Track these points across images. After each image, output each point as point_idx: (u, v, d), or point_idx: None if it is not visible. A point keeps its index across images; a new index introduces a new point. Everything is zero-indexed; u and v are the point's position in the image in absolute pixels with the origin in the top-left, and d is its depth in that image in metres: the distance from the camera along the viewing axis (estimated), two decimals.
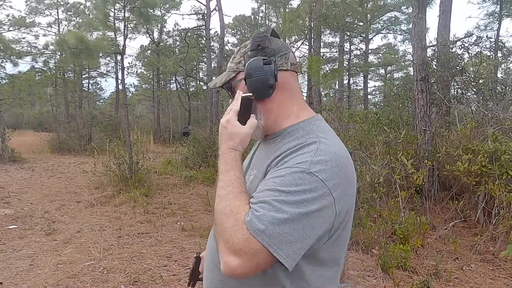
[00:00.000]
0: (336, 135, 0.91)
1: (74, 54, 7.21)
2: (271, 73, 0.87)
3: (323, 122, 0.95)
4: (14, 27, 21.18)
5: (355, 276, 3.32)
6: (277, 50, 0.92)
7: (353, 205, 0.86)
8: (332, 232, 0.80)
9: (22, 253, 4.03)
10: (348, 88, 21.55)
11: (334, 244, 0.84)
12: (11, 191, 7.38)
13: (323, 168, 0.76)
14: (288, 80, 0.94)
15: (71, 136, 16.15)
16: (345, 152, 0.86)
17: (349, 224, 0.87)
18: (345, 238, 0.88)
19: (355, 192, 0.86)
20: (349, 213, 0.84)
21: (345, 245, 0.90)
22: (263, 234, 0.71)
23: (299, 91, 0.99)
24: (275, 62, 0.90)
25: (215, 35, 20.85)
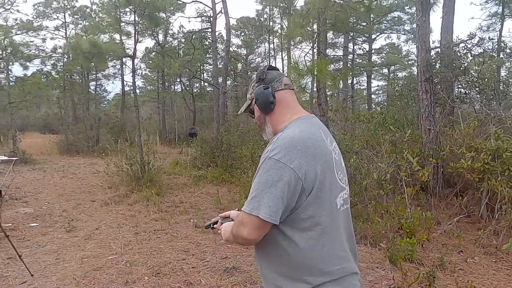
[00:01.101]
0: (305, 125, 1.20)
1: (86, 58, 7.43)
2: (270, 94, 1.26)
3: (303, 119, 1.24)
4: (22, 30, 21.50)
5: (364, 267, 3.50)
6: (272, 78, 1.30)
7: (322, 170, 1.12)
8: (308, 192, 1.09)
9: (47, 248, 4.25)
10: (352, 88, 21.70)
11: (313, 203, 1.10)
12: (27, 191, 7.62)
13: (277, 151, 1.09)
14: (283, 96, 1.29)
15: (79, 137, 16.42)
16: (303, 135, 1.14)
17: (325, 187, 1.12)
18: (323, 199, 1.13)
19: (320, 159, 1.12)
20: (319, 176, 1.11)
21: (324, 206, 1.13)
22: (249, 208, 1.10)
23: (294, 101, 1.32)
24: (272, 86, 1.28)
25: (219, 37, 21.09)
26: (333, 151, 1.22)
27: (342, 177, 1.24)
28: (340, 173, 1.22)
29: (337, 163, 1.22)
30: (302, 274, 1.12)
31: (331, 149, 1.21)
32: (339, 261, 1.16)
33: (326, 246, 1.13)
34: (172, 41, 23.57)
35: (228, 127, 10.61)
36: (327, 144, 1.19)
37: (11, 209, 6.04)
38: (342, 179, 1.24)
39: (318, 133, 1.19)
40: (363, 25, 17.99)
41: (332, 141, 1.26)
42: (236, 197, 6.68)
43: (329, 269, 1.13)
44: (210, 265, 3.66)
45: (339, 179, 1.20)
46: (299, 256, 1.12)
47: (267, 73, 1.31)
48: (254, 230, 1.10)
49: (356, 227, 4.27)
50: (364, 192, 4.55)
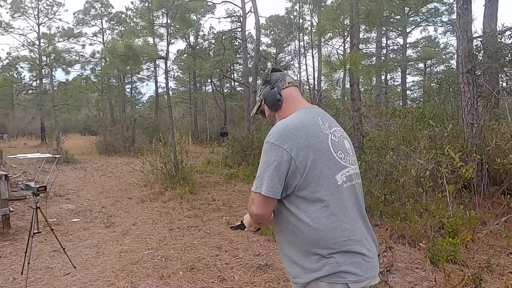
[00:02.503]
0: (302, 114, 1.34)
1: (122, 61, 7.69)
2: (276, 92, 1.42)
3: (303, 109, 1.39)
4: (64, 38, 22.78)
5: (403, 268, 3.35)
6: (277, 79, 1.47)
7: (315, 150, 1.24)
8: (302, 170, 1.21)
9: (88, 242, 4.45)
10: (385, 84, 20.99)
11: (309, 180, 1.22)
12: (69, 189, 8.04)
13: (272, 136, 1.26)
14: (289, 93, 1.45)
15: (116, 138, 17.12)
16: (296, 121, 1.29)
17: (319, 164, 1.23)
18: (320, 176, 1.23)
19: (312, 141, 1.24)
20: (311, 156, 1.22)
21: (322, 182, 1.23)
22: (254, 187, 1.26)
23: (298, 96, 1.47)
24: (277, 86, 1.44)
25: (249, 36, 21.18)
26: (331, 133, 1.33)
27: (344, 156, 1.32)
28: (340, 153, 1.31)
29: (335, 143, 1.32)
30: (312, 247, 1.24)
31: (328, 132, 1.32)
32: (344, 233, 1.23)
33: (329, 219, 1.22)
34: (203, 43, 23.98)
35: (259, 126, 10.62)
36: (322, 128, 1.31)
37: (56, 205, 6.39)
38: (344, 158, 1.32)
39: (314, 119, 1.32)
40: (397, 18, 17.34)
41: (332, 126, 1.36)
42: None
43: (335, 241, 1.22)
44: (243, 262, 3.66)
45: (339, 158, 1.30)
46: (308, 231, 1.23)
47: (271, 75, 1.49)
48: (260, 206, 1.25)
49: (393, 226, 4.11)
50: (402, 190, 4.36)
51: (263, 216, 1.28)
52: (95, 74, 20.97)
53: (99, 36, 24.09)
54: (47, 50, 14.85)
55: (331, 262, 1.21)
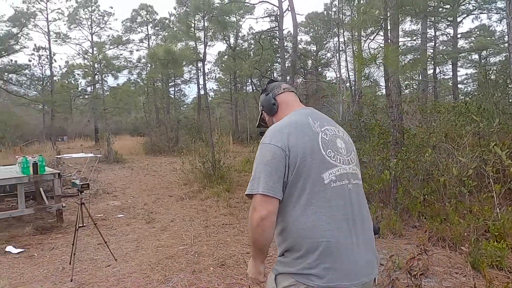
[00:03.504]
0: (294, 115, 1.38)
1: (163, 65, 8.04)
2: (271, 97, 1.51)
3: (296, 111, 1.42)
4: (113, 45, 24.31)
5: (440, 272, 3.17)
6: (273, 87, 1.57)
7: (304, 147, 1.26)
8: (293, 166, 1.23)
9: (129, 237, 4.73)
10: (434, 78, 19.79)
11: (297, 177, 1.23)
12: (117, 187, 8.58)
13: (266, 137, 1.31)
14: (283, 97, 1.52)
15: (161, 139, 17.93)
16: (287, 122, 1.34)
17: (307, 162, 1.24)
18: (307, 174, 1.23)
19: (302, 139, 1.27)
20: (301, 154, 1.24)
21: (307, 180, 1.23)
22: (249, 190, 1.25)
23: (294, 100, 1.53)
24: (273, 92, 1.53)
25: (288, 35, 21.07)
26: (321, 132, 1.34)
27: (334, 155, 1.31)
28: (330, 151, 1.30)
29: (326, 142, 1.31)
30: (293, 243, 1.24)
31: (318, 130, 1.33)
32: (325, 233, 1.20)
33: (311, 217, 1.21)
34: (243, 43, 24.28)
35: None
36: (313, 126, 1.33)
37: (103, 202, 6.87)
38: (334, 157, 1.30)
39: (304, 119, 1.35)
40: (447, 8, 16.24)
41: (324, 125, 1.37)
42: None
43: (314, 240, 1.20)
44: (273, 260, 3.67)
45: (328, 156, 1.29)
46: (290, 227, 1.25)
47: (268, 86, 1.59)
48: (260, 206, 1.21)
49: (433, 228, 3.89)
50: (442, 190, 4.11)
51: (266, 217, 1.20)
52: (141, 78, 22.15)
53: (144, 42, 25.41)
54: (99, 57, 15.95)
55: (305, 262, 1.20)
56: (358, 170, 1.41)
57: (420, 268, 3.03)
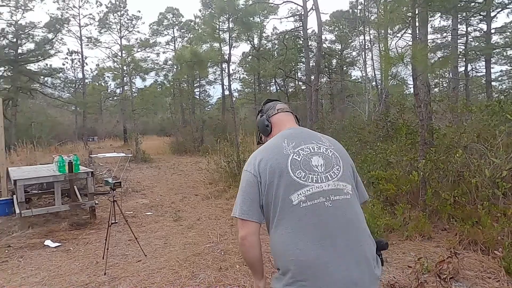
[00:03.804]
0: (273, 139, 1.45)
1: (189, 66, 8.22)
2: (264, 119, 1.58)
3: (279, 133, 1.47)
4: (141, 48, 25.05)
5: (472, 276, 3.08)
6: (268, 108, 1.62)
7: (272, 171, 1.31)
8: (264, 190, 1.31)
9: (158, 234, 4.89)
10: (466, 75, 19.02)
11: (268, 200, 1.30)
12: (145, 185, 8.86)
13: (246, 163, 1.41)
14: (277, 118, 1.56)
15: (186, 139, 18.29)
16: (263, 147, 1.43)
17: (274, 185, 1.29)
18: (275, 196, 1.29)
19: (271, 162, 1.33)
20: (269, 177, 1.30)
21: (276, 202, 1.29)
22: (232, 213, 1.38)
23: (287, 120, 1.57)
24: (267, 114, 1.59)
25: (312, 34, 20.91)
26: (293, 153, 1.35)
27: (305, 175, 1.31)
28: (300, 172, 1.31)
29: (296, 163, 1.33)
30: (277, 263, 1.32)
31: (290, 152, 1.35)
32: (295, 252, 1.22)
33: (282, 238, 1.26)
34: (266, 44, 24.33)
35: (321, 125, 10.46)
36: (284, 149, 1.36)
37: (133, 200, 7.12)
38: (304, 177, 1.30)
39: (279, 142, 1.40)
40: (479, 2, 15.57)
41: (300, 145, 1.38)
42: None
43: (285, 259, 1.25)
44: None
45: (297, 177, 1.30)
46: (271, 247, 1.34)
47: (264, 106, 1.64)
48: (240, 228, 1.35)
49: (464, 231, 3.77)
50: (474, 192, 3.98)
51: (244, 238, 1.32)
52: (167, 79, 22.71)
53: (171, 44, 26.03)
54: (127, 60, 16.49)
55: (285, 279, 1.24)
56: (348, 184, 1.35)
57: (450, 271, 2.96)
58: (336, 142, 1.50)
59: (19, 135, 18.66)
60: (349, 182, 1.37)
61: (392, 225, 4.32)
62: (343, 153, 1.45)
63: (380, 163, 5.32)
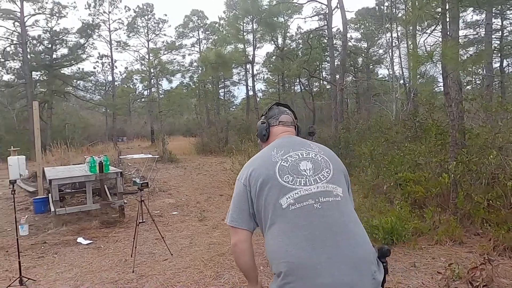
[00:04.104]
0: (264, 149, 1.50)
1: (213, 68, 8.33)
2: (264, 128, 1.60)
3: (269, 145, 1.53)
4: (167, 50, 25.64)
5: (507, 285, 2.93)
6: (271, 115, 1.63)
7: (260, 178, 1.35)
8: (254, 197, 1.34)
9: (184, 233, 4.99)
10: (501, 72, 18.09)
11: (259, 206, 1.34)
12: (171, 185, 9.06)
13: (239, 173, 1.46)
14: (275, 130, 1.59)
15: (211, 139, 18.50)
16: (252, 159, 1.49)
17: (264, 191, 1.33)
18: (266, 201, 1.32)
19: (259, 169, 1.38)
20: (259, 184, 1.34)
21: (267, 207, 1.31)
22: (226, 220, 1.43)
23: (284, 133, 1.58)
24: (269, 122, 1.61)
25: (337, 33, 20.60)
26: (281, 160, 1.40)
27: (293, 179, 1.34)
28: (287, 177, 1.34)
29: (284, 169, 1.36)
30: (271, 266, 1.33)
31: (278, 159, 1.40)
32: (285, 255, 1.23)
33: (273, 240, 1.29)
34: (291, 43, 24.21)
35: (346, 124, 10.30)
36: (273, 157, 1.41)
37: (159, 199, 7.30)
38: (292, 181, 1.33)
39: (268, 151, 1.46)
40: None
41: (289, 152, 1.43)
42: (354, 196, 6.44)
43: (277, 262, 1.26)
44: None
45: (284, 182, 1.33)
46: (266, 251, 1.38)
47: (269, 110, 1.66)
48: (232, 236, 1.42)
49: (498, 236, 3.60)
50: (510, 195, 3.78)
51: (235, 244, 1.40)
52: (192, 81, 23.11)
53: (196, 46, 26.46)
54: (154, 63, 16.93)
55: (278, 282, 1.25)
56: (338, 187, 1.36)
57: (484, 279, 2.84)
58: (327, 149, 1.51)
59: (54, 136, 19.62)
60: (340, 185, 1.37)
61: (421, 229, 4.19)
62: (334, 159, 1.47)
63: (408, 164, 5.16)
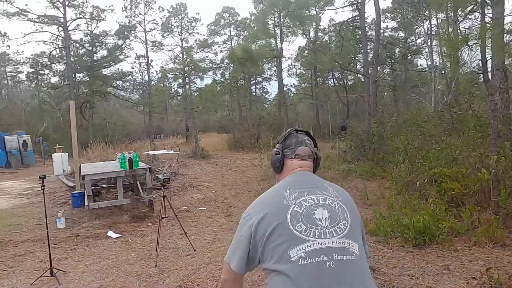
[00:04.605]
0: (276, 186, 1.34)
1: (241, 64, 8.29)
2: (278, 160, 1.40)
3: (284, 180, 1.35)
4: (200, 48, 26.07)
5: None
6: (288, 145, 1.41)
7: (271, 224, 1.18)
8: (261, 244, 1.18)
9: (208, 229, 5.01)
10: None
11: (265, 254, 1.17)
12: (201, 181, 9.18)
13: (247, 209, 1.29)
14: (291, 163, 1.39)
15: (243, 135, 18.57)
16: (264, 195, 1.32)
17: (273, 239, 1.16)
18: (274, 250, 1.15)
19: (270, 214, 1.20)
20: (268, 230, 1.17)
21: (274, 257, 1.15)
22: (226, 255, 1.30)
23: (300, 167, 1.38)
24: (284, 153, 1.40)
25: (372, 23, 19.78)
26: (295, 204, 1.22)
27: (306, 229, 1.17)
28: (300, 225, 1.17)
29: (297, 215, 1.19)
30: None
31: (291, 203, 1.23)
32: None
33: None
34: (323, 37, 23.65)
35: (380, 118, 9.86)
36: (285, 199, 1.24)
37: (188, 195, 7.41)
38: (305, 231, 1.17)
39: (281, 191, 1.28)
40: None
41: (303, 195, 1.25)
42: (386, 193, 6.14)
43: None
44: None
45: (297, 231, 1.17)
46: None
47: (286, 138, 1.44)
48: (224, 272, 1.32)
49: None
50: None
51: (225, 281, 1.32)
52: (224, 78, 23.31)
53: (227, 43, 26.64)
54: (186, 61, 17.25)
55: None
56: (354, 243, 1.20)
57: None
58: (344, 192, 1.35)
59: (95, 134, 20.70)
60: (356, 241, 1.22)
61: (458, 229, 3.88)
62: (351, 206, 1.30)
63: (444, 159, 4.80)
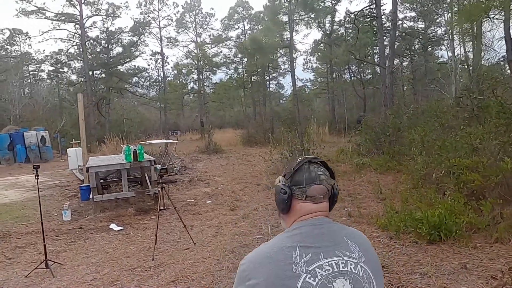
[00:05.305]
0: (282, 238, 1.03)
1: (250, 55, 8.06)
2: (283, 201, 1.09)
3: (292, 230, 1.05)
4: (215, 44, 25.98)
5: None
6: (298, 183, 1.07)
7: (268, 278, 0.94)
8: None
9: (212, 222, 4.85)
10: None
11: None
12: (211, 175, 9.05)
13: (246, 261, 1.01)
14: (300, 206, 1.08)
15: (257, 130, 18.40)
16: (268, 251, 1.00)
17: None
18: None
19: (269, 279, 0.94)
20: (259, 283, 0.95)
21: None
22: None
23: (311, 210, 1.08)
24: (293, 192, 1.07)
25: (389, 14, 19.09)
26: (307, 273, 0.94)
27: None
28: None
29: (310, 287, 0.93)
30: None
31: (302, 271, 0.95)
32: None
33: None
34: (339, 29, 23.08)
35: (396, 110, 9.45)
36: (294, 265, 0.96)
37: (196, 188, 7.28)
38: None
39: (288, 252, 0.99)
40: None
41: (319, 259, 0.97)
42: (401, 187, 5.82)
43: None
44: None
45: None
46: None
47: (295, 171, 1.09)
48: None
49: None
50: None
51: None
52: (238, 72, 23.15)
53: (241, 38, 26.40)
54: (200, 56, 17.18)
55: None
56: None
57: None
58: (367, 246, 1.09)
59: (112, 130, 20.97)
60: None
61: (477, 224, 3.58)
62: (377, 269, 1.07)
63: (463, 149, 4.45)
